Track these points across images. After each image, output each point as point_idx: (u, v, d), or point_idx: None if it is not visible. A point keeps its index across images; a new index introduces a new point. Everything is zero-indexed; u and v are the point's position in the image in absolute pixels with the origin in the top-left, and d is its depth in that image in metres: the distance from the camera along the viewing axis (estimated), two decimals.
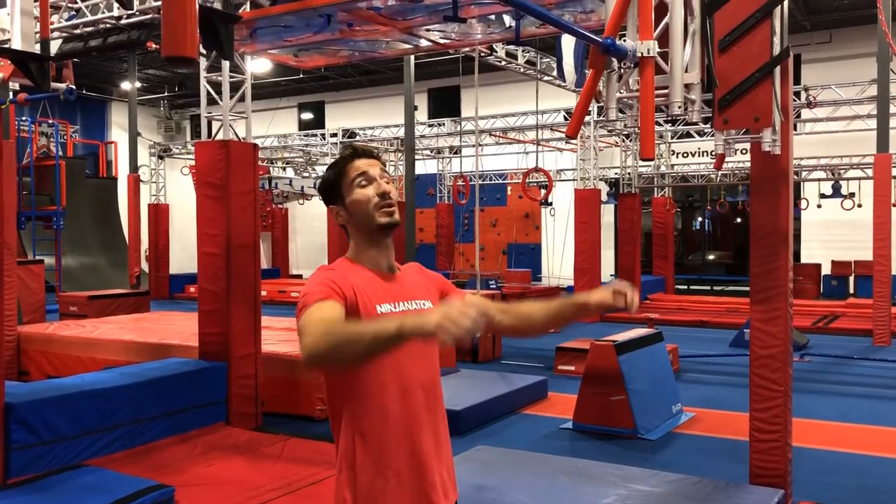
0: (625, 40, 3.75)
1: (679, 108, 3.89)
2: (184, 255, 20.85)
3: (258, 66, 14.40)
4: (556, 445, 6.28)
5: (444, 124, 19.18)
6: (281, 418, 7.00)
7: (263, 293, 8.26)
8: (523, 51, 12.80)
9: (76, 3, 7.82)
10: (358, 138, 19.35)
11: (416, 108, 13.27)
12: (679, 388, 7.63)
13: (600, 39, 3.60)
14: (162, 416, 5.92)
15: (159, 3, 5.78)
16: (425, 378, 2.05)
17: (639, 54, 3.70)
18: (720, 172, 17.71)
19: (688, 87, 3.96)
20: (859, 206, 16.40)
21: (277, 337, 8.20)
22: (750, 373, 4.63)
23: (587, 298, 2.13)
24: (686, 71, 3.95)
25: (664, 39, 3.86)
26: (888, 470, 5.72)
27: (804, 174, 17.39)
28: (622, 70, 3.88)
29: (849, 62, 17.24)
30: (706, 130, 16.65)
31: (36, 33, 6.05)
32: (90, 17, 7.75)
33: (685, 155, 20.30)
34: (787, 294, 4.51)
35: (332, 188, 2.10)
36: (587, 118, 14.17)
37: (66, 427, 5.24)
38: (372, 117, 22.11)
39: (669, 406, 7.10)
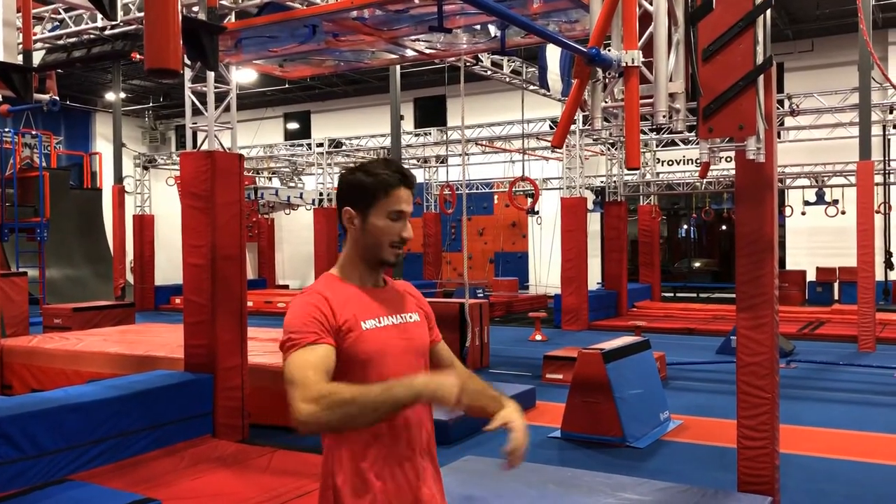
0: (609, 50, 3.77)
1: (664, 117, 3.91)
2: (169, 267, 20.72)
3: (243, 76, 14.38)
4: (544, 454, 6.26)
5: (430, 133, 19.20)
6: (268, 430, 6.95)
7: (249, 304, 8.21)
8: (509, 60, 12.85)
9: (60, 13, 7.78)
10: (344, 148, 19.34)
11: (402, 117, 13.30)
12: (667, 395, 7.64)
13: (585, 49, 3.61)
14: (147, 429, 5.87)
15: (143, 14, 5.75)
16: None
17: (623, 64, 3.72)
18: (705, 180, 17.81)
19: (672, 96, 3.98)
20: (843, 212, 16.55)
21: (264, 348, 8.15)
22: (737, 380, 4.64)
23: (496, 411, 2.14)
24: (671, 80, 3.97)
25: (649, 49, 3.88)
26: (875, 476, 5.74)
27: (788, 181, 17.54)
28: (607, 79, 3.90)
29: (831, 70, 17.43)
30: (691, 139, 16.76)
31: (18, 44, 6.00)
32: (74, 28, 7.73)
33: (670, 163, 20.42)
34: (773, 301, 4.53)
35: (363, 196, 2.03)
36: (573, 127, 14.24)
37: (49, 441, 5.18)
38: (358, 127, 22.11)
39: (657, 414, 7.11)
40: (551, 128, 16.05)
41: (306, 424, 1.75)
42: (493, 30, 6.60)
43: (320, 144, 19.41)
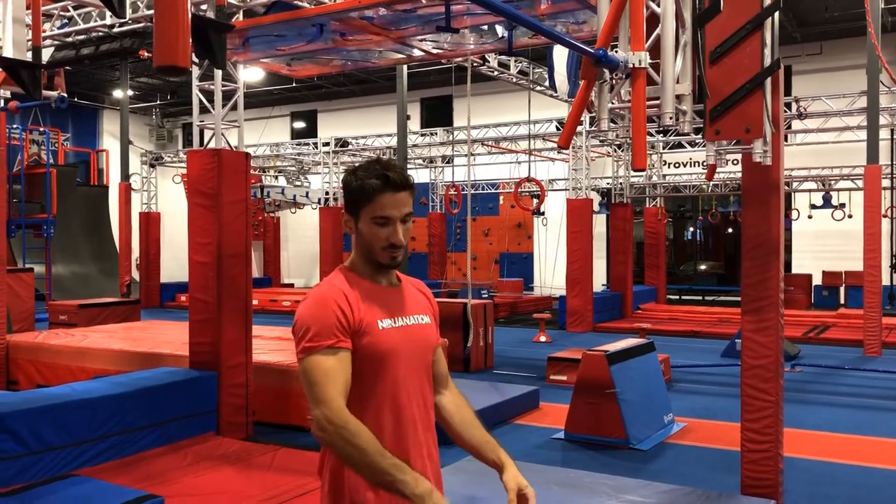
0: (616, 51, 3.77)
1: (671, 118, 3.90)
2: (175, 264, 20.78)
3: (251, 74, 14.42)
4: (547, 456, 6.26)
5: (436, 133, 19.20)
6: (272, 428, 6.97)
7: (255, 302, 8.24)
8: (515, 61, 12.85)
9: (68, 11, 7.81)
10: (350, 147, 19.35)
11: (408, 117, 13.30)
12: (670, 398, 7.63)
13: (592, 50, 3.61)
14: (152, 425, 5.89)
15: (152, 11, 5.77)
16: (422, 393, 2.08)
17: (631, 65, 3.71)
18: (711, 183, 17.78)
19: (679, 97, 3.97)
20: (850, 216, 16.50)
21: (269, 346, 8.17)
22: (741, 383, 4.63)
23: (503, 467, 2.31)
24: (678, 82, 3.96)
25: (656, 50, 3.88)
26: (879, 480, 5.72)
27: (795, 185, 17.48)
28: (614, 81, 3.89)
29: (839, 74, 17.37)
30: (697, 141, 16.71)
31: (28, 41, 6.03)
32: (82, 26, 7.75)
33: (677, 165, 20.38)
34: (779, 304, 4.52)
35: (351, 200, 2.02)
36: (579, 128, 14.22)
37: (55, 437, 5.20)
38: (364, 126, 22.12)
39: (661, 416, 7.10)
40: (558, 129, 16.05)
41: (316, 436, 1.89)
42: (500, 30, 6.61)
43: (326, 144, 19.41)
